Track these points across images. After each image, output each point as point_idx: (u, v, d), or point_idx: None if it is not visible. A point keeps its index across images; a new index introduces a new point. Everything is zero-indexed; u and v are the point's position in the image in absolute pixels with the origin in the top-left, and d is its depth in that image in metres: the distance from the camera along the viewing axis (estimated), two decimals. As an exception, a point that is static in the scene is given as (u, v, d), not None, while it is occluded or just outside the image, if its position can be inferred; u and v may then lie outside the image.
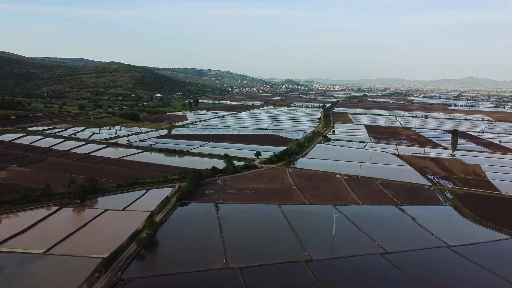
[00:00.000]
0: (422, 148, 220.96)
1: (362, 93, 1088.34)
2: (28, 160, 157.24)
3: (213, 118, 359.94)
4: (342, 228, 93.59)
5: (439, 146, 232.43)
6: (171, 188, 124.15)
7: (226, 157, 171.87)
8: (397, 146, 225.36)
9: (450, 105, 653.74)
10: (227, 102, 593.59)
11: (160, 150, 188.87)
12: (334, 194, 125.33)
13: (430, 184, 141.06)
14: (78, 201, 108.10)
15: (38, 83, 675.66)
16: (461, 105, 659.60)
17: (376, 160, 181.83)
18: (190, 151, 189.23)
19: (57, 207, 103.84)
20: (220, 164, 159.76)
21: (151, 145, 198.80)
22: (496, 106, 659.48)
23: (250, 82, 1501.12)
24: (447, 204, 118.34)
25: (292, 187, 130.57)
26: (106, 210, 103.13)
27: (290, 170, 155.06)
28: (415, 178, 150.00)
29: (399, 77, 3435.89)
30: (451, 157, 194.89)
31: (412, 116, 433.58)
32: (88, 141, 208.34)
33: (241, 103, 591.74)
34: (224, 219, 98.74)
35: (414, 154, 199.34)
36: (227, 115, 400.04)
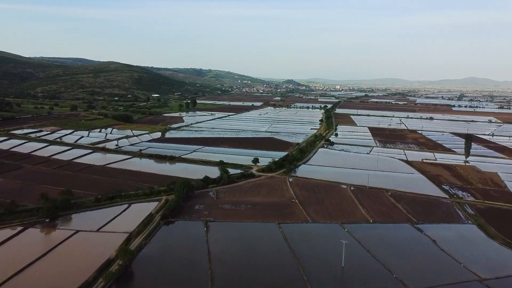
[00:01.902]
0: (432, 153, 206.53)
1: (363, 94, 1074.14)
2: (2, 168, 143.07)
3: (210, 120, 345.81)
4: (352, 254, 79.43)
5: (449, 151, 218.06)
6: (157, 203, 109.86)
7: (221, 164, 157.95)
8: (405, 151, 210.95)
9: (453, 106, 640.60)
10: (226, 103, 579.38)
11: (150, 156, 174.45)
12: (341, 209, 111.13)
13: (447, 196, 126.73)
14: (47, 220, 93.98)
15: (33, 83, 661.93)
16: (465, 106, 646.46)
17: (384, 168, 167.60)
18: (182, 157, 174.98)
19: (21, 228, 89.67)
20: (215, 172, 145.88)
21: (141, 150, 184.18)
22: (501, 107, 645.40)
23: (250, 82, 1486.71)
24: (469, 221, 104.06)
25: (293, 201, 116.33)
26: (77, 231, 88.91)
27: (291, 180, 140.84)
28: (429, 189, 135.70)
29: (399, 77, 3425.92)
30: (464, 164, 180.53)
31: (417, 118, 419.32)
32: (74, 145, 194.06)
33: (240, 103, 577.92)
34: (214, 243, 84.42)
35: (424, 160, 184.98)
36: (225, 116, 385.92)
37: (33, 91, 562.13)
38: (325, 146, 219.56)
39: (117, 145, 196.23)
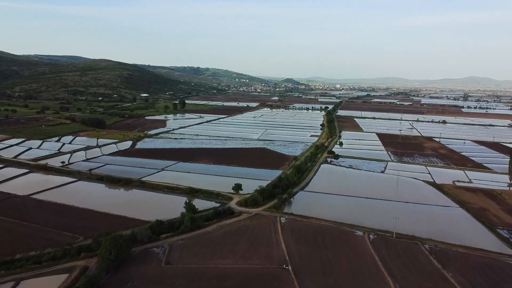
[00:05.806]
0: (463, 171, 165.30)
1: (365, 93, 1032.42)
2: None
3: (197, 124, 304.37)
4: None
5: (481, 167, 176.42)
6: (66, 276, 68.84)
7: (190, 193, 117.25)
8: (428, 168, 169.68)
9: (462, 107, 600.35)
10: (219, 103, 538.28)
11: (101, 178, 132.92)
12: (359, 283, 70.15)
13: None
14: None
15: (15, 81, 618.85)
16: (474, 107, 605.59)
17: (408, 196, 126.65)
18: (143, 179, 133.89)
19: None
20: (179, 205, 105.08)
21: (91, 169, 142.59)
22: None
23: (248, 81, 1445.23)
24: None
25: (285, 268, 75.08)
26: None
27: (283, 220, 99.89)
28: (480, 236, 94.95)
29: (399, 76, 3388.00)
30: (509, 189, 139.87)
31: (428, 121, 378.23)
32: (10, 162, 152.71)
33: (235, 104, 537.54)
34: None
35: (456, 183, 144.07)
36: (215, 119, 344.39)
37: (11, 90, 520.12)
38: (329, 160, 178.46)
39: (63, 162, 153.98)
